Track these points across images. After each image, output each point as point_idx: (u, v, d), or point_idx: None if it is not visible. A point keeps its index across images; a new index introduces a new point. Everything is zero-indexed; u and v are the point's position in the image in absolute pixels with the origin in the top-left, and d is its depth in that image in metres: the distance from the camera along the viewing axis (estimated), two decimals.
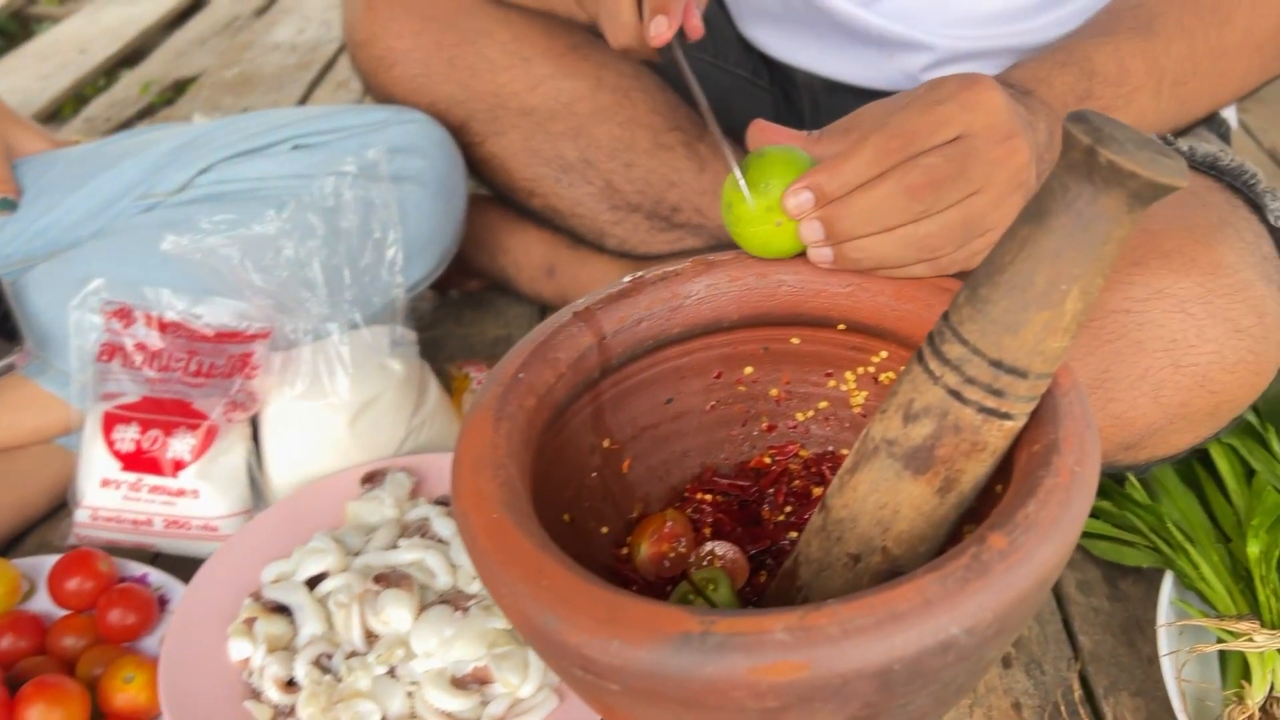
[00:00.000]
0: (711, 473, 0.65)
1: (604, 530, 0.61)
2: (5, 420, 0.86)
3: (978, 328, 0.44)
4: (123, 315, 0.85)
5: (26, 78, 2.00)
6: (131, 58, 2.15)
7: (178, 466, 0.81)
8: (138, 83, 1.92)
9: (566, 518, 0.59)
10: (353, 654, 0.69)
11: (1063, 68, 0.63)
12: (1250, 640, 0.57)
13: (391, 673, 0.67)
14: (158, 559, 0.85)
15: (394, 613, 0.68)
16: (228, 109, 1.71)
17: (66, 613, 0.76)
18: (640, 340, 0.61)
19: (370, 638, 0.69)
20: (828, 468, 0.64)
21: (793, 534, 0.62)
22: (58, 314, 0.86)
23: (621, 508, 0.63)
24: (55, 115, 1.89)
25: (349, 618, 0.69)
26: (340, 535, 0.76)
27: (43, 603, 0.77)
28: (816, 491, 0.63)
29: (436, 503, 0.79)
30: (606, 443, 0.62)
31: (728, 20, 1.03)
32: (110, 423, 0.82)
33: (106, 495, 0.82)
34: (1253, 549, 0.62)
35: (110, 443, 0.82)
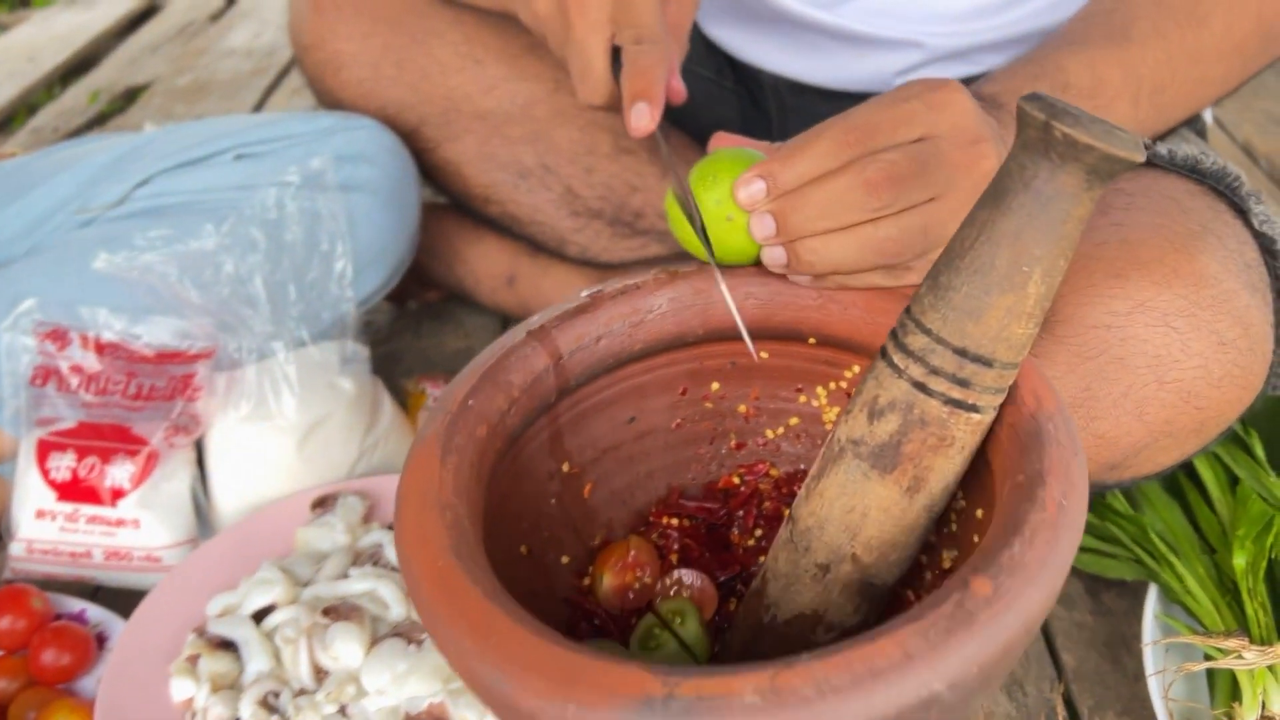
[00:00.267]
0: (678, 494, 0.62)
1: (565, 560, 0.58)
2: None
3: (940, 315, 0.43)
4: (57, 337, 0.81)
5: None
6: (83, 65, 2.09)
7: (117, 495, 0.77)
8: (87, 91, 1.86)
9: (524, 549, 0.56)
10: (301, 692, 0.65)
11: (1035, 80, 0.60)
12: (1239, 658, 0.55)
13: (342, 711, 0.64)
14: (98, 593, 0.81)
15: (344, 647, 0.65)
16: (180, 117, 1.66)
17: None
18: (600, 359, 0.58)
19: (320, 674, 0.65)
20: (799, 487, 0.61)
21: (764, 559, 0.59)
22: None
23: (583, 535, 0.60)
24: (5, 126, 1.83)
25: (297, 653, 0.66)
26: (289, 564, 0.73)
27: None
28: (788, 513, 0.60)
29: (390, 527, 0.75)
30: (566, 467, 0.58)
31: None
32: (45, 450, 0.78)
33: (42, 527, 0.77)
34: (1239, 561, 0.60)
35: (45, 471, 0.78)
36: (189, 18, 2.20)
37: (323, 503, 0.77)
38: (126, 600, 0.76)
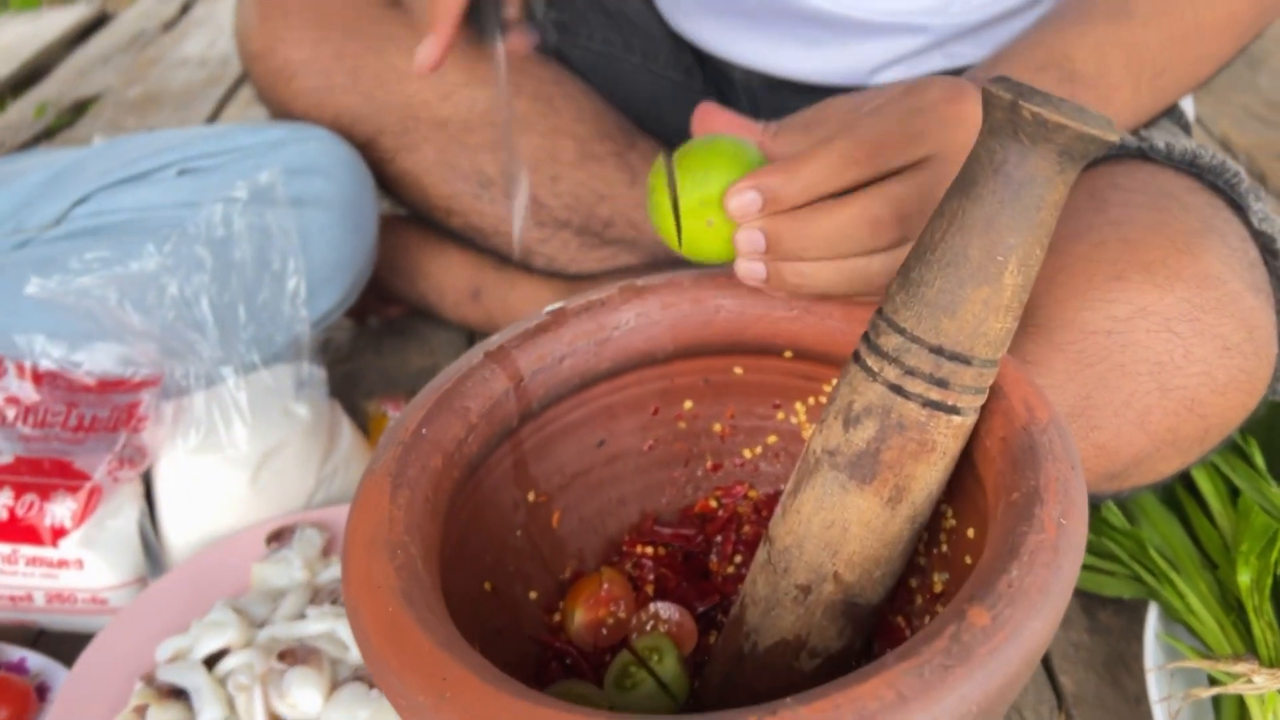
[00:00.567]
0: (652, 521, 0.58)
1: (532, 596, 0.55)
2: None
3: (913, 313, 0.41)
4: None
5: None
6: (30, 78, 2.03)
7: (58, 534, 0.72)
8: (33, 104, 1.80)
9: (488, 586, 0.52)
10: None
11: (1041, 71, 0.57)
12: (1249, 682, 0.52)
13: None
14: (40, 638, 0.76)
15: (301, 694, 0.61)
16: (131, 130, 1.61)
17: None
18: (564, 379, 0.54)
19: None
20: None
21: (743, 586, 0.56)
22: None
23: (552, 568, 0.56)
24: None
25: (251, 701, 0.62)
26: (243, 604, 0.69)
27: None
28: (765, 534, 0.57)
29: None
30: (532, 496, 0.55)
31: (656, 19, 0.96)
32: None
33: None
34: (1243, 577, 0.57)
35: None
36: (140, 26, 2.14)
37: (279, 536, 0.73)
38: (71, 645, 0.72)
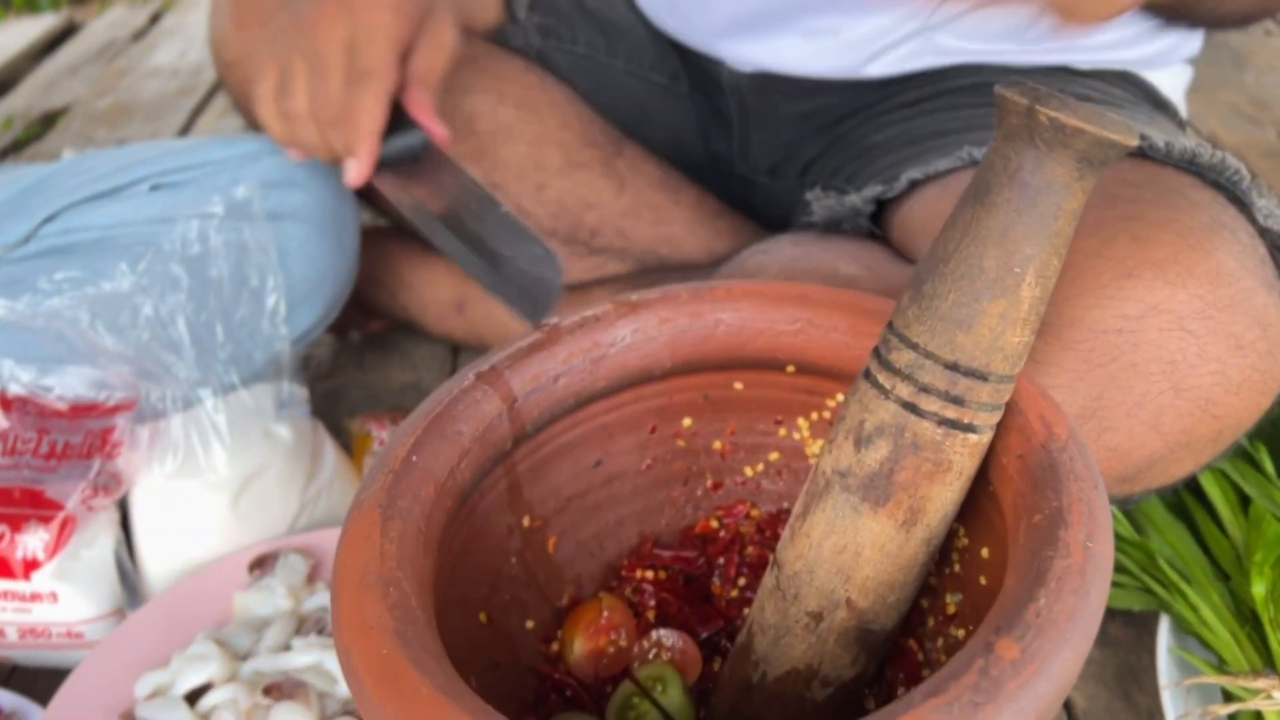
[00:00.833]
0: (651, 544, 0.57)
1: (529, 625, 0.52)
2: None
3: (926, 328, 0.40)
4: None
5: None
6: None
7: (30, 566, 0.69)
8: (0, 118, 1.76)
9: (483, 618, 0.50)
10: None
11: None
12: (1269, 698, 0.50)
13: None
14: (13, 675, 0.73)
15: None
16: (101, 142, 1.57)
17: None
18: (559, 399, 0.52)
19: None
20: (783, 529, 0.56)
21: (748, 611, 0.54)
22: None
23: (549, 595, 0.54)
24: None
25: None
26: (226, 635, 0.66)
27: None
28: (772, 558, 0.55)
29: None
30: (527, 520, 0.53)
31: (641, 22, 0.94)
32: None
33: None
34: (1257, 589, 0.55)
35: None
36: (110, 36, 2.10)
37: (261, 563, 0.71)
38: (46, 682, 0.69)
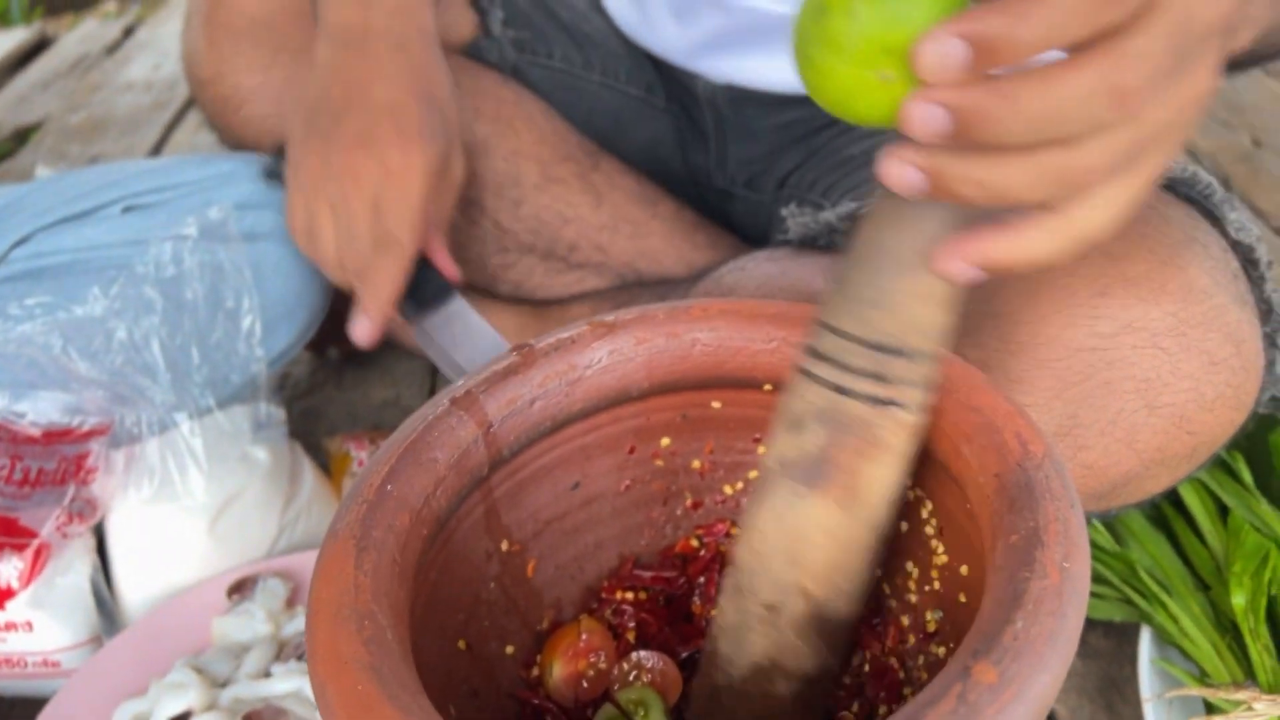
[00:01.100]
0: (631, 565, 0.56)
1: (509, 650, 0.52)
2: None
3: (844, 311, 0.42)
4: None
5: None
6: None
7: (5, 595, 0.69)
8: None
9: (462, 644, 0.49)
10: None
11: None
12: (1250, 710, 0.51)
13: None
14: None
15: None
16: (75, 157, 1.56)
17: None
18: (536, 423, 0.52)
19: None
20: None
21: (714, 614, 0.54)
22: None
23: (529, 619, 0.54)
24: None
25: None
26: (205, 662, 0.65)
27: None
28: (728, 558, 0.55)
29: None
30: (505, 545, 0.52)
31: (616, 36, 0.94)
32: None
33: None
34: (1237, 599, 0.56)
35: None
36: (83, 51, 2.08)
37: (240, 587, 0.70)
38: (22, 712, 0.69)
